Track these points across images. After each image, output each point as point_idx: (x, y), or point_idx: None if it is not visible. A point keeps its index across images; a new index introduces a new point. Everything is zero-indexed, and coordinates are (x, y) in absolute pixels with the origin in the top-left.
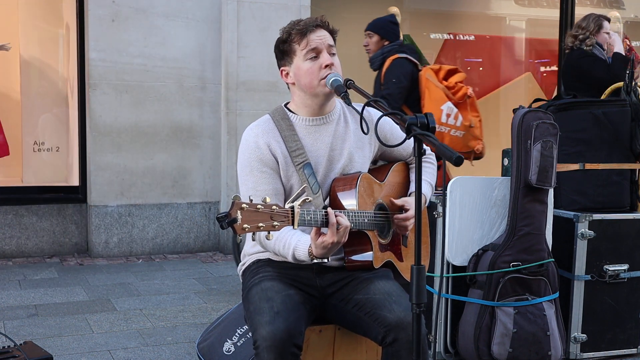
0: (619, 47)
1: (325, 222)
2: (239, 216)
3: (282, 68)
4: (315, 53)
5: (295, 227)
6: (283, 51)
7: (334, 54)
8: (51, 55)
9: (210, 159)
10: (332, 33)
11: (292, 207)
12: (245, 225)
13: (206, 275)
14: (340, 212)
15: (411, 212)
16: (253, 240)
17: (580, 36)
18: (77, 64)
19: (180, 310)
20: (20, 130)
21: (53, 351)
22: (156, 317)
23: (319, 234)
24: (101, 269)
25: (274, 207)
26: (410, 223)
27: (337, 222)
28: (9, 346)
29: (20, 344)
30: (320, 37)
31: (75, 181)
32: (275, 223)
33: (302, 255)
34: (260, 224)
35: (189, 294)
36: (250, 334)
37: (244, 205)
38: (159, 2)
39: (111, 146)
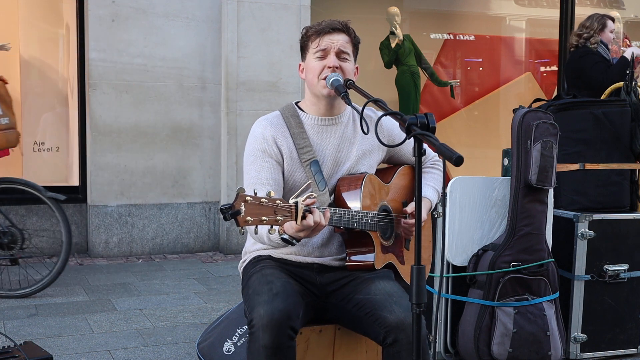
0: (629, 54)
1: (330, 220)
2: (243, 208)
3: (300, 63)
4: (323, 54)
5: (298, 222)
6: (301, 46)
7: (345, 59)
8: (51, 55)
9: (210, 159)
10: (353, 40)
11: (296, 203)
12: (248, 218)
13: (206, 275)
14: (328, 210)
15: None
16: (256, 233)
17: (585, 35)
18: (77, 64)
19: (180, 310)
20: (21, 130)
21: (53, 351)
22: (156, 317)
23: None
24: (101, 269)
25: (278, 201)
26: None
27: (315, 221)
28: (9, 346)
29: (20, 344)
30: (333, 40)
31: (75, 181)
32: (279, 217)
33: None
34: (264, 218)
35: (189, 294)
36: None
37: (248, 197)
38: (159, 2)
39: (111, 146)
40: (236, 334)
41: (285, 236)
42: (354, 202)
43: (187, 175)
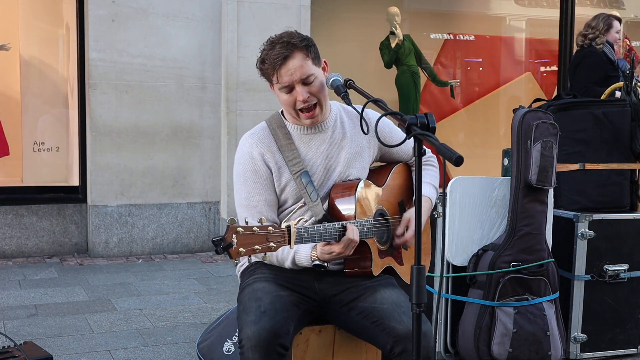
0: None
1: (324, 238)
2: (235, 240)
3: (270, 84)
4: (289, 88)
5: (292, 247)
6: (264, 77)
7: (311, 82)
8: (51, 55)
9: (210, 159)
10: (308, 53)
11: (289, 227)
12: (240, 249)
13: (206, 275)
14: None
15: (410, 232)
16: (249, 262)
17: (590, 35)
18: (77, 64)
19: (180, 310)
20: (20, 130)
21: (53, 351)
22: (156, 317)
23: (327, 242)
24: (101, 269)
25: (270, 227)
26: (410, 242)
27: (350, 239)
28: (9, 346)
29: (20, 344)
30: (291, 71)
31: (75, 181)
32: (272, 244)
33: (304, 259)
34: (257, 246)
35: (189, 294)
36: None
37: (239, 229)
38: (159, 2)
39: (111, 146)
40: (236, 334)
41: (317, 262)
42: (348, 209)
43: (187, 175)
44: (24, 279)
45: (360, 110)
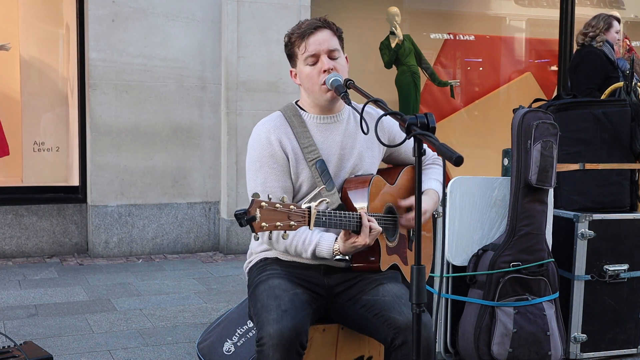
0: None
1: (340, 225)
2: (258, 214)
3: (291, 69)
4: (315, 58)
5: (311, 227)
6: (288, 55)
7: (335, 58)
8: (51, 55)
9: (210, 159)
10: (336, 33)
11: (309, 208)
12: (263, 224)
13: (206, 275)
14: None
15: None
16: (270, 239)
17: (590, 34)
18: (77, 64)
19: (180, 310)
20: (20, 130)
21: (53, 351)
22: (156, 317)
23: (349, 234)
24: (101, 269)
25: (291, 206)
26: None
27: (370, 226)
28: (9, 346)
29: (20, 344)
30: (319, 41)
31: (75, 181)
32: (292, 223)
33: (325, 252)
34: (278, 223)
35: (189, 294)
36: (250, 333)
37: (263, 203)
38: (159, 2)
39: (111, 146)
40: (236, 334)
41: (339, 256)
42: (360, 203)
43: (187, 175)
44: (24, 279)
45: (360, 110)
